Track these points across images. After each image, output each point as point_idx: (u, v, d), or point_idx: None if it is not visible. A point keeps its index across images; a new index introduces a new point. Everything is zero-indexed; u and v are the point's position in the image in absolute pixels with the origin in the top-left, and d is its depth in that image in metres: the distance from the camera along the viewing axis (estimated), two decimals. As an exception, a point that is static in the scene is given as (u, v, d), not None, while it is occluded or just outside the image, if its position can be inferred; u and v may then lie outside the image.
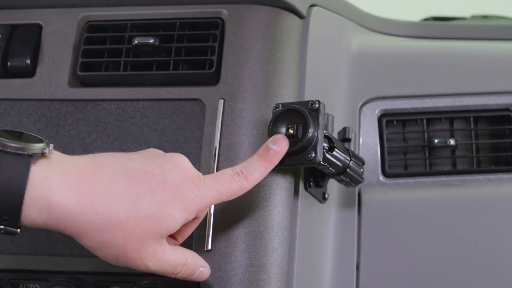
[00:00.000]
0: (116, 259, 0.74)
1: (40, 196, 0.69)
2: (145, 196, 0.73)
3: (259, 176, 0.81)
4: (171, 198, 0.74)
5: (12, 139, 0.70)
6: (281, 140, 0.82)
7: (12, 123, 0.97)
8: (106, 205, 0.71)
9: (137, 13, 1.00)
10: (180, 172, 0.76)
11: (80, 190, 0.71)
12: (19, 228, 0.70)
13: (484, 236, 1.00)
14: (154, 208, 0.73)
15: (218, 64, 0.95)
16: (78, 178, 0.71)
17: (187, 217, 0.75)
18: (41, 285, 0.89)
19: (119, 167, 0.74)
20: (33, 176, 0.69)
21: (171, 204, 0.74)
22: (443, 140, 1.07)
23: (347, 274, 0.99)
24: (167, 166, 0.75)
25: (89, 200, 0.71)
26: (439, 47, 1.18)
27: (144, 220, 0.72)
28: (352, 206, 1.03)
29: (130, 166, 0.74)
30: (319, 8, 1.03)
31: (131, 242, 0.72)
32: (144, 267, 0.74)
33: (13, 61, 1.00)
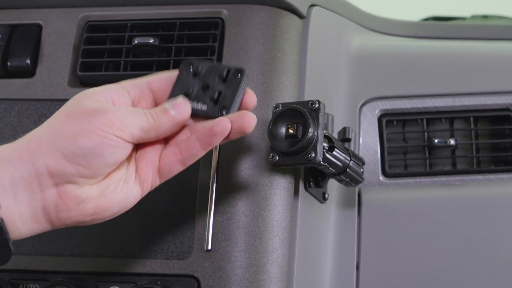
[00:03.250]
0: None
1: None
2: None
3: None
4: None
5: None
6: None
7: (12, 123, 0.97)
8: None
9: (137, 13, 1.00)
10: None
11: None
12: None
13: (484, 236, 1.00)
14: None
15: (218, 64, 0.95)
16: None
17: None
18: (41, 285, 0.89)
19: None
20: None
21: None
22: (443, 140, 1.07)
23: (347, 274, 0.99)
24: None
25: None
26: (439, 47, 1.18)
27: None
28: (352, 206, 1.03)
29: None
30: (319, 8, 1.03)
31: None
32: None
33: (13, 61, 1.00)
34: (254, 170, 0.89)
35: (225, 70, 0.78)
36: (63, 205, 0.72)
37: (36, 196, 0.71)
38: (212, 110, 0.77)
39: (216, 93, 0.77)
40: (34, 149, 0.71)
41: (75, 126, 0.71)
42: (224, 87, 0.78)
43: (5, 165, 0.70)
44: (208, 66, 0.79)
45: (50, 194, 0.71)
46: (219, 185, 0.88)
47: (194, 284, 0.86)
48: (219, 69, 0.78)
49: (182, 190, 0.90)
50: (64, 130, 0.71)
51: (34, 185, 0.71)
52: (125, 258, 0.89)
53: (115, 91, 0.76)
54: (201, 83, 0.78)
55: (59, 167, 0.70)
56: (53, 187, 0.71)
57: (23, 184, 0.70)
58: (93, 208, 0.73)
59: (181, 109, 0.76)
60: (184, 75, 0.79)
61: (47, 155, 0.70)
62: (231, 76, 0.78)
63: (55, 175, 0.71)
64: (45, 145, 0.71)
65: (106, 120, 0.71)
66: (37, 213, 0.72)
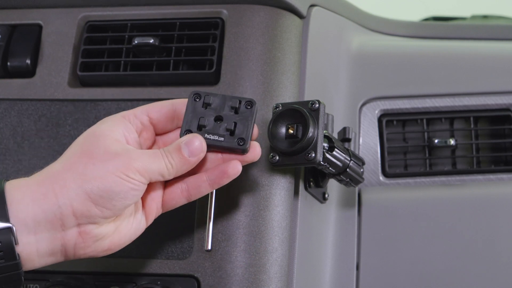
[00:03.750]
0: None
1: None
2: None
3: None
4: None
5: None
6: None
7: (12, 123, 0.97)
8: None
9: (137, 13, 1.00)
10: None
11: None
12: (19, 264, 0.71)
13: (484, 236, 1.00)
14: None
15: (218, 64, 0.95)
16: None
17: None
18: (41, 285, 0.89)
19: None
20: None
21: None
22: (443, 140, 1.07)
23: (347, 274, 0.99)
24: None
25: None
26: (439, 47, 1.18)
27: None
28: (352, 206, 1.03)
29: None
30: (319, 8, 1.03)
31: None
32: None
33: (13, 61, 1.00)
34: (254, 170, 0.89)
35: (237, 101, 0.79)
36: (82, 243, 0.73)
37: (57, 235, 0.72)
38: (230, 142, 0.78)
39: (233, 125, 0.79)
40: (59, 190, 0.72)
41: (101, 170, 0.72)
42: (237, 118, 0.79)
43: (29, 204, 0.71)
44: (219, 98, 0.80)
45: (72, 233, 0.73)
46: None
47: (194, 284, 0.86)
48: (232, 100, 0.79)
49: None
50: (89, 172, 0.72)
51: (57, 225, 0.72)
52: (125, 258, 0.89)
53: (124, 126, 0.77)
54: (214, 114, 0.79)
55: (85, 208, 0.72)
56: (76, 227, 0.72)
57: (46, 224, 0.71)
58: (108, 244, 0.75)
59: (197, 152, 0.76)
60: (194, 107, 0.79)
61: (74, 197, 0.71)
62: (242, 107, 0.79)
63: (79, 216, 0.72)
64: (71, 187, 0.72)
65: (131, 166, 0.73)
66: (55, 250, 0.73)
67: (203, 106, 0.79)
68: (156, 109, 0.80)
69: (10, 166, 0.96)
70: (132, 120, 0.78)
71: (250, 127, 0.79)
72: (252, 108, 0.79)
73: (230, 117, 0.79)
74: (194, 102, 0.79)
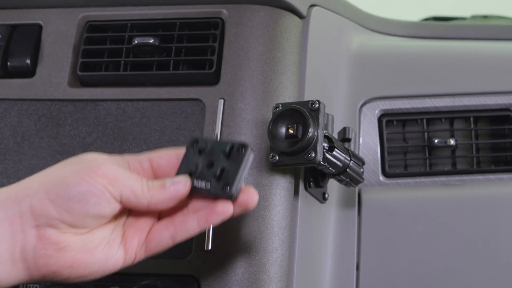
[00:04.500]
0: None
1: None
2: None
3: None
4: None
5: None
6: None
7: (12, 123, 0.97)
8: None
9: (137, 13, 1.00)
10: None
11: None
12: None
13: (484, 236, 1.00)
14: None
15: (218, 64, 0.95)
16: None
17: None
18: (41, 285, 0.89)
19: None
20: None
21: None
22: (443, 140, 1.07)
23: (347, 274, 0.99)
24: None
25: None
26: (439, 47, 1.18)
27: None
28: (352, 206, 1.03)
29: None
30: (319, 8, 1.03)
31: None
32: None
33: (13, 61, 1.00)
34: (254, 170, 0.89)
35: (228, 146, 0.75)
36: (42, 250, 0.70)
37: (17, 237, 0.70)
38: (214, 187, 0.74)
39: (219, 170, 0.75)
40: (22, 189, 0.71)
41: (67, 171, 0.71)
42: (228, 163, 0.75)
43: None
44: (213, 143, 0.77)
45: (31, 235, 0.70)
46: (219, 185, 0.88)
47: (194, 284, 0.86)
48: (223, 145, 0.76)
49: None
50: (56, 174, 0.71)
51: (17, 225, 0.70)
52: (125, 258, 0.89)
53: (117, 160, 0.75)
54: (205, 160, 0.76)
55: (43, 207, 0.69)
56: (34, 229, 0.70)
57: (6, 223, 0.70)
58: (71, 259, 0.71)
59: (179, 186, 0.74)
60: (191, 153, 0.77)
61: (33, 195, 0.70)
62: (235, 152, 0.75)
63: (37, 216, 0.70)
64: (33, 186, 0.71)
65: (99, 171, 0.70)
66: (15, 257, 0.70)
67: (198, 152, 0.76)
68: (158, 154, 0.77)
69: (10, 166, 0.96)
70: (131, 159, 0.76)
71: (240, 172, 0.74)
72: (244, 153, 0.75)
73: (220, 162, 0.75)
74: (191, 149, 0.77)
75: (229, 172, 0.74)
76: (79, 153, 0.93)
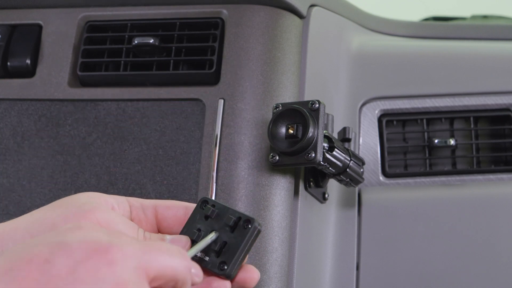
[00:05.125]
0: None
1: None
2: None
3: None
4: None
5: None
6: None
7: (12, 123, 0.97)
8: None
9: (137, 13, 1.00)
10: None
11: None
12: None
13: (484, 236, 1.00)
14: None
15: (218, 64, 0.95)
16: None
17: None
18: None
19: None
20: None
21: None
22: (443, 140, 1.07)
23: (347, 274, 0.99)
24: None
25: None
26: (439, 47, 1.18)
27: None
28: (352, 206, 1.03)
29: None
30: (319, 8, 1.03)
31: None
32: None
33: (13, 61, 1.01)
34: (254, 170, 0.89)
35: (233, 219, 0.68)
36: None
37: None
38: (212, 263, 0.67)
39: (218, 245, 0.68)
40: (7, 234, 0.63)
41: (57, 215, 0.63)
42: (231, 237, 0.68)
43: None
44: (220, 210, 0.69)
45: None
46: (219, 185, 0.88)
47: (194, 284, 0.86)
48: (228, 216, 0.68)
49: (182, 189, 0.90)
50: (45, 217, 0.63)
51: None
52: (125, 258, 0.88)
53: (117, 200, 0.68)
54: (209, 228, 0.69)
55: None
56: None
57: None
58: None
59: (179, 245, 0.65)
60: (197, 214, 0.70)
61: (19, 239, 0.62)
62: (240, 226, 0.68)
63: None
64: (19, 231, 0.63)
65: (92, 216, 0.62)
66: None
67: (205, 217, 0.69)
68: (165, 204, 0.70)
69: (10, 166, 0.96)
70: (134, 203, 0.69)
71: (240, 250, 0.67)
72: (249, 229, 0.67)
73: (223, 235, 0.68)
74: (199, 210, 0.70)
75: (229, 248, 0.68)
76: (79, 153, 0.93)
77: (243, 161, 0.89)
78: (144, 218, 0.69)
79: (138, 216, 0.69)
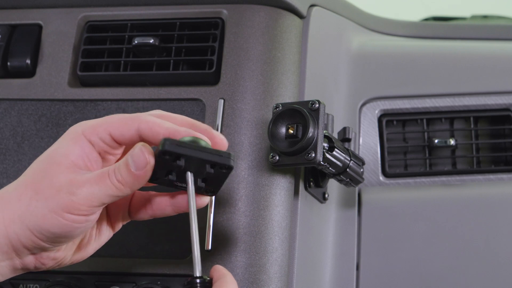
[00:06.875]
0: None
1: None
2: None
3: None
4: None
5: None
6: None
7: (12, 123, 0.97)
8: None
9: (137, 13, 1.00)
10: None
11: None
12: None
13: (484, 236, 1.00)
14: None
15: (218, 64, 0.95)
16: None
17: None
18: (41, 285, 0.89)
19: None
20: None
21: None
22: (443, 140, 1.07)
23: (347, 274, 0.99)
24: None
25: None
26: (439, 47, 1.18)
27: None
28: (352, 206, 1.03)
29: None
30: (319, 8, 1.03)
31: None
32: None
33: (13, 61, 1.00)
34: (254, 170, 0.89)
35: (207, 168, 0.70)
36: (43, 266, 0.72)
37: (15, 262, 0.71)
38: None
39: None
40: (8, 224, 0.70)
41: (43, 207, 0.69)
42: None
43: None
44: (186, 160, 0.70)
45: (29, 259, 0.71)
46: (219, 185, 0.88)
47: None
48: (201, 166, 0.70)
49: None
50: (32, 209, 0.69)
51: (12, 254, 0.71)
52: (125, 258, 0.89)
53: (82, 146, 0.72)
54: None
55: (32, 242, 0.70)
56: (31, 255, 0.71)
57: (0, 253, 0.70)
58: (69, 261, 0.74)
59: (142, 165, 0.69)
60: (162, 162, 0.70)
61: (20, 232, 0.69)
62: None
63: (30, 248, 0.70)
64: (17, 222, 0.69)
65: (75, 205, 0.68)
66: (17, 270, 0.72)
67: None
68: (115, 126, 0.72)
69: (10, 166, 0.96)
70: (94, 138, 0.72)
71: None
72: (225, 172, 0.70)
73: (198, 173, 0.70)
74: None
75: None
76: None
77: (243, 161, 0.89)
78: (104, 145, 0.72)
79: (100, 146, 0.72)
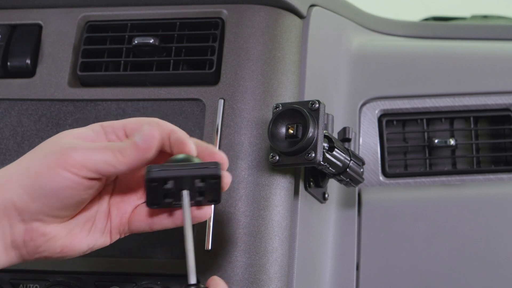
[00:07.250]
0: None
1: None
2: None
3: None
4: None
5: None
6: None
7: (12, 123, 0.97)
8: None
9: (137, 13, 1.00)
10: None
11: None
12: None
13: (484, 236, 1.00)
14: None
15: (218, 64, 0.95)
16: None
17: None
18: (41, 285, 0.89)
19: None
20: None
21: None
22: (443, 140, 1.07)
23: (347, 274, 0.99)
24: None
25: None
26: (439, 47, 1.18)
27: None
28: (352, 206, 1.03)
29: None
30: (319, 8, 1.03)
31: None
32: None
33: (13, 61, 1.00)
34: (254, 170, 0.89)
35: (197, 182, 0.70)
36: (31, 242, 0.71)
37: (6, 231, 0.70)
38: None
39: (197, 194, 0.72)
40: (4, 183, 0.70)
41: (40, 163, 0.69)
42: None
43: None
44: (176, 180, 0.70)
45: (19, 229, 0.70)
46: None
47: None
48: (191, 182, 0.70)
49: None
50: (32, 166, 0.69)
51: (4, 221, 0.70)
52: (125, 258, 0.89)
53: (93, 129, 0.73)
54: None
55: (24, 204, 0.69)
56: (21, 223, 0.70)
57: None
58: (61, 246, 0.72)
59: (148, 138, 0.69)
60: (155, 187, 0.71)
61: (13, 191, 0.69)
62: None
63: (21, 212, 0.70)
64: (13, 180, 0.69)
65: (70, 159, 0.68)
66: (7, 247, 0.71)
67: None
68: (132, 124, 0.73)
69: (10, 166, 0.96)
70: (109, 131, 0.73)
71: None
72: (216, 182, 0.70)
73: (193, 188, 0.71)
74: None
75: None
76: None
77: (243, 161, 0.89)
78: (116, 139, 0.73)
79: (112, 139, 0.73)
